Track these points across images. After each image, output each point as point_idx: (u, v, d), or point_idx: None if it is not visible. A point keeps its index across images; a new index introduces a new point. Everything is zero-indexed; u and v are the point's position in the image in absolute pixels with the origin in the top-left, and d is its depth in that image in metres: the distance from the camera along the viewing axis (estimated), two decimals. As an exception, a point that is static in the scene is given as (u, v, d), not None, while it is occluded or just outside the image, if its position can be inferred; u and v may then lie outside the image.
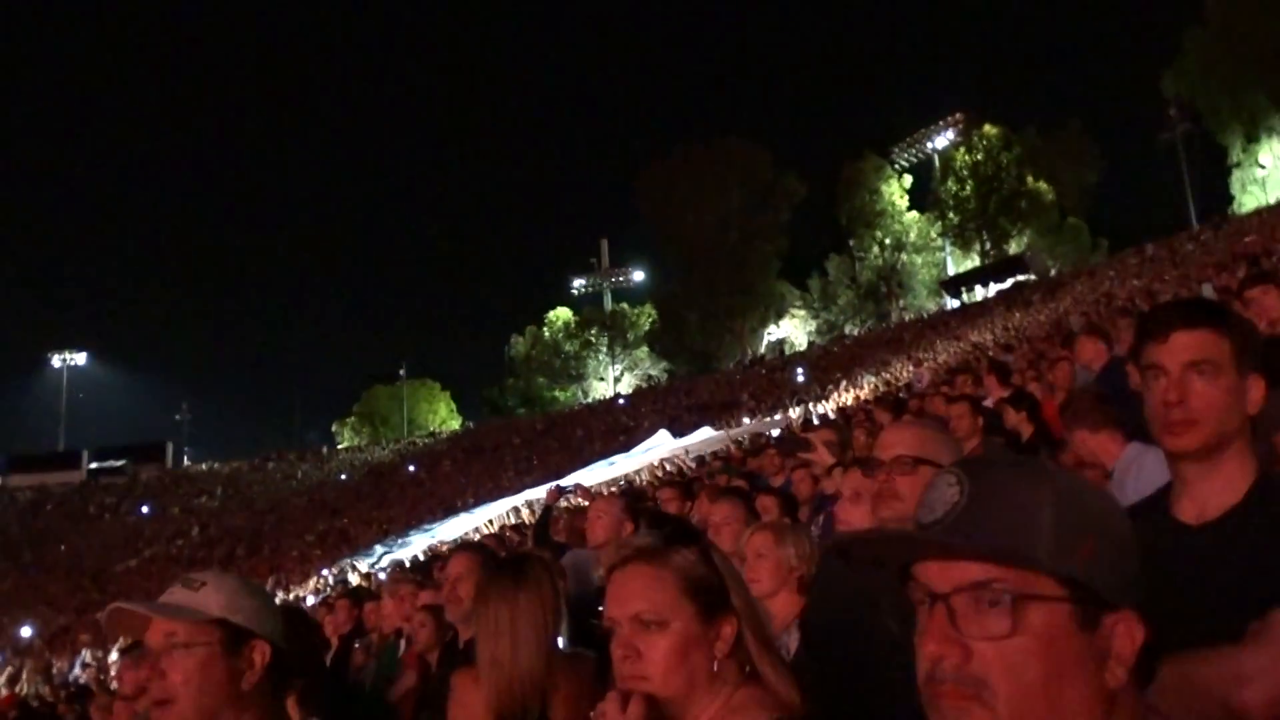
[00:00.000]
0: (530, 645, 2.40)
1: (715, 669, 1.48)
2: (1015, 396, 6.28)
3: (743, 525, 3.68)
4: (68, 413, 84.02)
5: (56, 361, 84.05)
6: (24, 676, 22.17)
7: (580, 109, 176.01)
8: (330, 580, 28.57)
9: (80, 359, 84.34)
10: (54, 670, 23.77)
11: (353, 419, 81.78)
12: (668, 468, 20.83)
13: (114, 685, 12.06)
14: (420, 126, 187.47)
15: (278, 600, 1.80)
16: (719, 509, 3.93)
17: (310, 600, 22.36)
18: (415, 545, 27.67)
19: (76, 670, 22.50)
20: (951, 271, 60.58)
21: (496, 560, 3.01)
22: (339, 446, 75.91)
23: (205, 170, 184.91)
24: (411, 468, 55.90)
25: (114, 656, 23.98)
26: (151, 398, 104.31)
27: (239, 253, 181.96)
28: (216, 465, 73.10)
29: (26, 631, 37.72)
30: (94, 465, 72.43)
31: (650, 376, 70.73)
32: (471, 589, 3.21)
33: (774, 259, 64.93)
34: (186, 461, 77.47)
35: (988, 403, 6.91)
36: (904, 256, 61.94)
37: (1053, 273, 47.67)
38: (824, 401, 29.07)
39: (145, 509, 61.06)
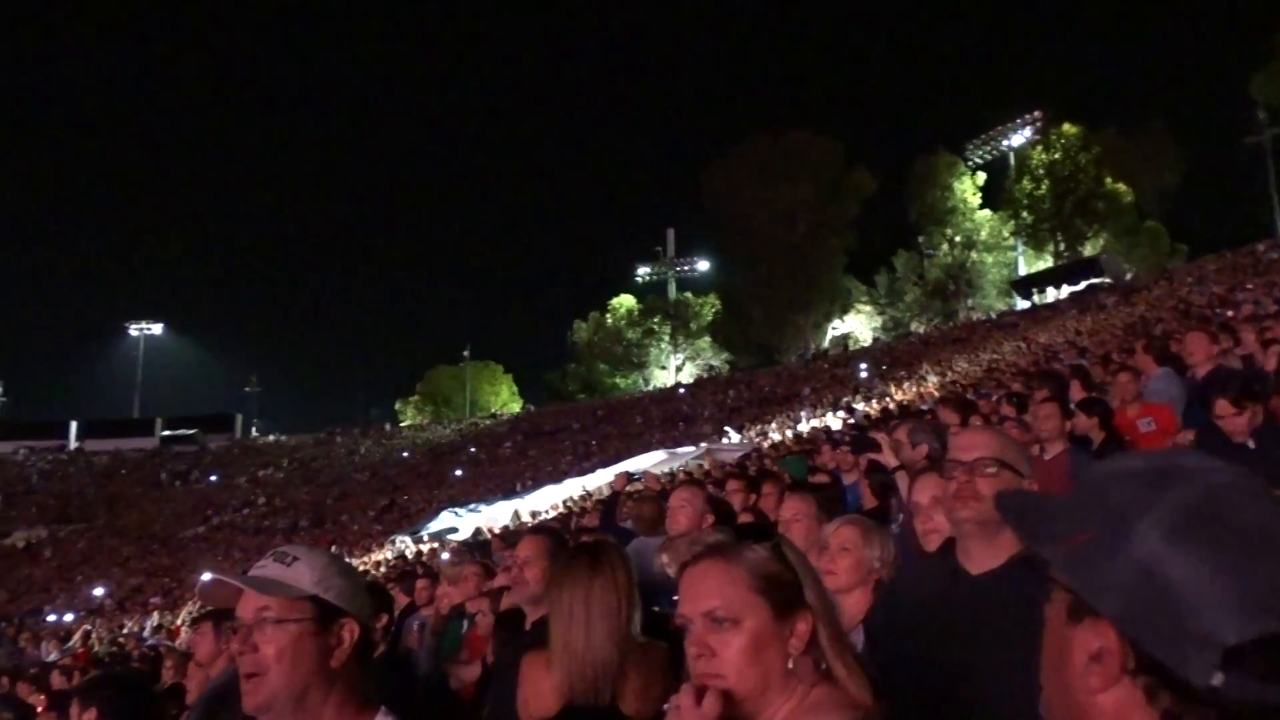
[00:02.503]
0: (603, 632, 2.42)
1: (790, 667, 1.46)
2: (1087, 402, 6.16)
3: (814, 521, 3.66)
4: (143, 381, 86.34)
5: (133, 331, 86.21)
6: (93, 636, 22.83)
7: (652, 99, 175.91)
8: (389, 556, 29.05)
9: (156, 329, 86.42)
10: (125, 630, 24.42)
11: (415, 398, 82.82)
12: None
13: (186, 648, 12.42)
14: (495, 110, 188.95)
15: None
16: (790, 504, 3.91)
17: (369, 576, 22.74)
18: (465, 522, 27.91)
19: (147, 632, 23.10)
20: (1023, 272, 59.48)
21: (570, 545, 3.02)
22: (401, 424, 76.98)
23: (284, 147, 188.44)
24: (473, 449, 56.44)
25: (181, 619, 24.71)
26: (222, 370, 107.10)
27: (312, 230, 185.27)
28: (283, 438, 74.61)
29: (99, 591, 38.80)
30: (166, 433, 74.39)
31: (711, 367, 70.57)
32: (539, 573, 3.24)
33: (841, 253, 64.35)
34: (254, 433, 79.18)
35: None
36: (974, 255, 60.97)
37: (1128, 276, 46.57)
38: (865, 402, 28.79)
39: (214, 478, 62.58)
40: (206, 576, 1.75)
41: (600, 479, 25.71)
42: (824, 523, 3.44)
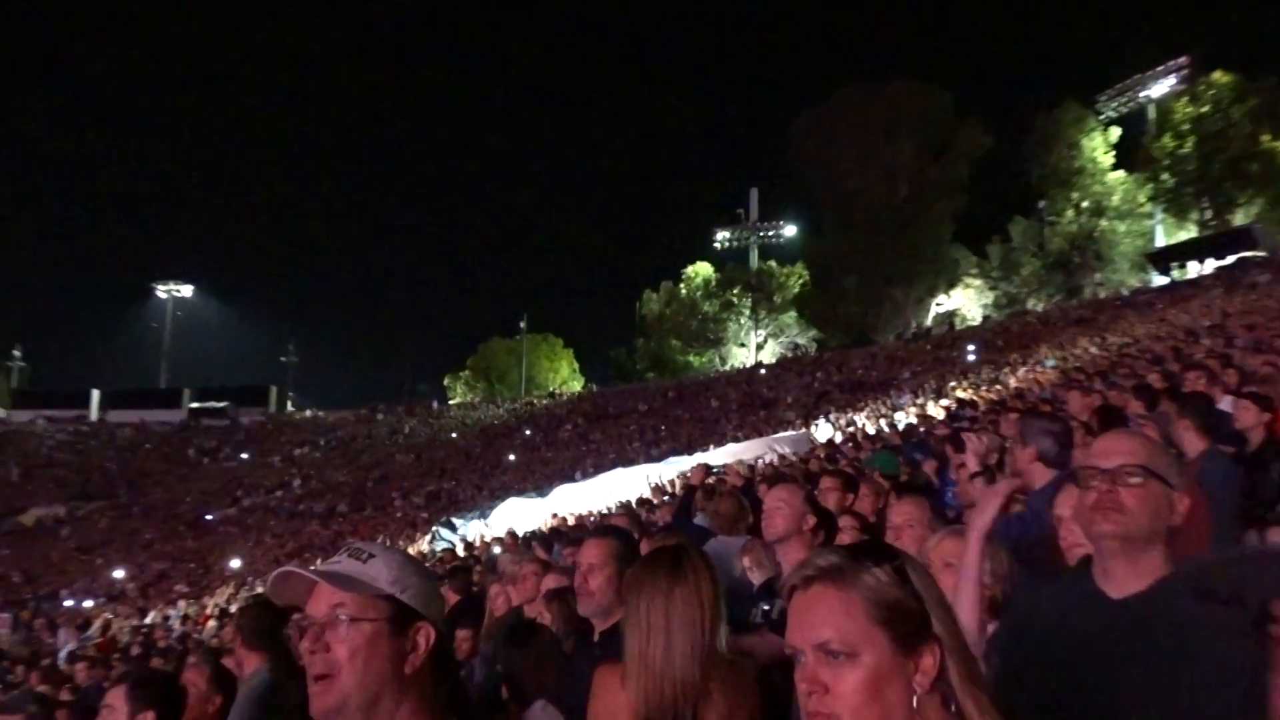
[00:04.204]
0: (684, 646, 2.42)
1: (914, 705, 1.44)
2: (1258, 396, 5.98)
3: (927, 528, 3.62)
4: (170, 348, 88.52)
5: (161, 293, 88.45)
6: (114, 625, 23.51)
7: (736, 42, 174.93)
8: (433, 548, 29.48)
9: (186, 291, 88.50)
10: (149, 619, 25.10)
11: (466, 373, 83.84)
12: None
13: (214, 642, 12.76)
14: (563, 55, 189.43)
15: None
16: (901, 508, 3.87)
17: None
18: (502, 514, 28.15)
19: (174, 621, 23.75)
20: (1161, 242, 58.02)
21: (647, 549, 3.03)
22: (450, 402, 78.09)
23: (330, 90, 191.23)
24: (527, 432, 56.95)
25: (210, 609, 25.37)
26: (257, 337, 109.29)
27: (359, 187, 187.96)
28: (321, 414, 76.19)
29: (119, 575, 40.00)
30: (195, 405, 76.45)
31: (797, 345, 70.29)
32: (604, 581, 3.26)
33: (948, 219, 63.42)
34: (290, 407, 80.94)
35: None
36: (1103, 223, 59.59)
37: (1286, 249, 45.17)
38: (966, 389, 28.32)
39: (245, 455, 64.09)
40: (279, 570, 1.79)
41: (668, 468, 25.72)
42: (935, 531, 3.41)
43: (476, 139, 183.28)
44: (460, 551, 20.87)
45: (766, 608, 3.96)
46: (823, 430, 32.07)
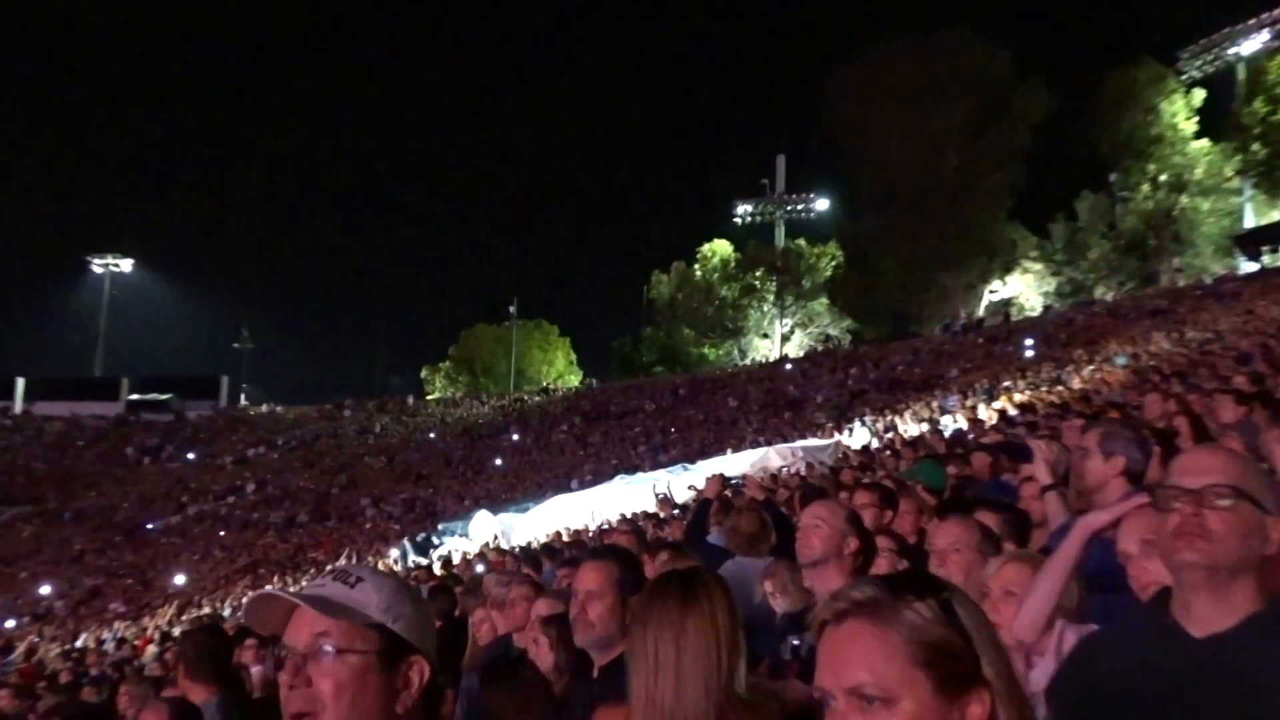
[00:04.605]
0: (697, 685, 2.42)
1: None
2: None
3: (976, 553, 3.63)
4: (108, 332, 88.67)
5: (97, 267, 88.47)
6: (39, 649, 23.55)
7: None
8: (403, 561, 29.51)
9: (125, 266, 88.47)
10: (79, 642, 25.14)
11: (447, 365, 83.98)
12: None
13: (154, 670, 12.77)
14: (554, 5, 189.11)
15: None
16: (947, 530, 3.87)
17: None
18: (482, 529, 28.24)
19: (108, 645, 23.79)
20: (1250, 223, 57.86)
21: (653, 572, 3.03)
22: (428, 398, 78.12)
23: (284, 48, 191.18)
24: (515, 436, 56.98)
25: (150, 631, 25.43)
26: (207, 320, 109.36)
27: (322, 147, 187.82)
28: (279, 409, 76.26)
29: (46, 591, 40.06)
30: (134, 397, 76.57)
31: (828, 337, 70.22)
32: (604, 609, 3.28)
33: (1005, 194, 63.32)
34: (243, 401, 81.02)
35: None
36: (1184, 199, 59.42)
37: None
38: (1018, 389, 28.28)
39: (192, 455, 64.16)
40: (257, 593, 1.78)
41: (678, 478, 25.75)
42: (989, 556, 3.40)
43: (457, 94, 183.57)
44: (438, 569, 20.91)
45: (796, 643, 3.95)
46: (857, 435, 32.12)
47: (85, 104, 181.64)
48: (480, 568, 15.62)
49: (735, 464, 25.31)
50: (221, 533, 47.29)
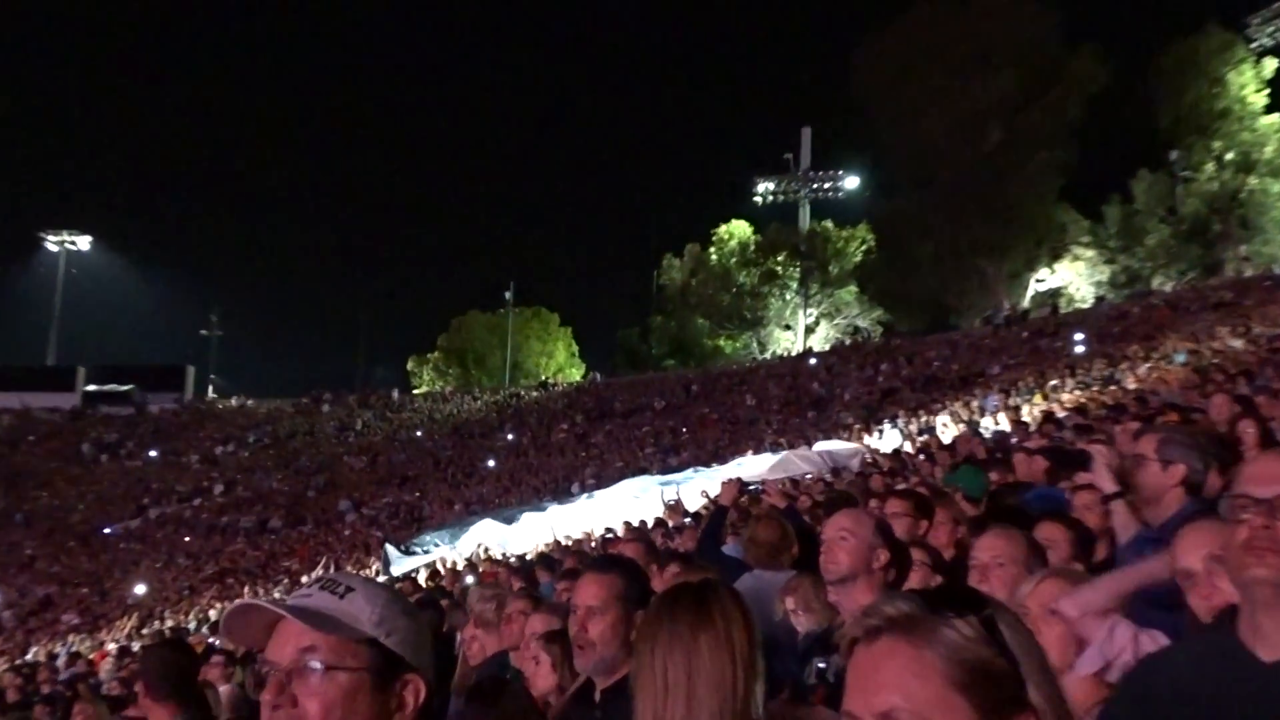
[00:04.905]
0: (711, 711, 2.42)
1: None
2: None
3: (1022, 568, 3.62)
4: (62, 316, 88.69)
5: (51, 244, 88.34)
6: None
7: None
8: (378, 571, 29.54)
9: (83, 244, 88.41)
10: (29, 656, 25.19)
11: (436, 356, 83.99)
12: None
13: (112, 689, 12.80)
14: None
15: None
16: (990, 542, 3.86)
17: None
18: (479, 537, 28.27)
19: (61, 660, 23.84)
20: (1326, 206, 57.76)
21: (662, 585, 3.02)
22: (415, 392, 78.11)
23: (262, 15, 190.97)
24: (510, 435, 57.01)
25: (108, 644, 25.50)
26: (172, 304, 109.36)
27: (302, 118, 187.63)
28: (251, 402, 76.38)
29: (-9, 599, 40.16)
30: (91, 388, 76.60)
31: (857, 329, 70.21)
32: (607, 626, 3.27)
33: (1054, 173, 63.12)
34: (212, 393, 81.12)
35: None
36: (1252, 180, 59.23)
37: None
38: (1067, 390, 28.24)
39: (154, 453, 64.27)
40: (236, 603, 1.77)
41: (691, 483, 25.77)
42: (1034, 571, 3.39)
43: (448, 58, 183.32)
44: (423, 580, 20.94)
45: (822, 665, 3.95)
46: (888, 438, 32.12)
47: (39, 63, 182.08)
48: (470, 579, 15.63)
49: (754, 468, 25.31)
50: (186, 538, 47.36)
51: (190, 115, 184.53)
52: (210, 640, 17.36)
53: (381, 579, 25.82)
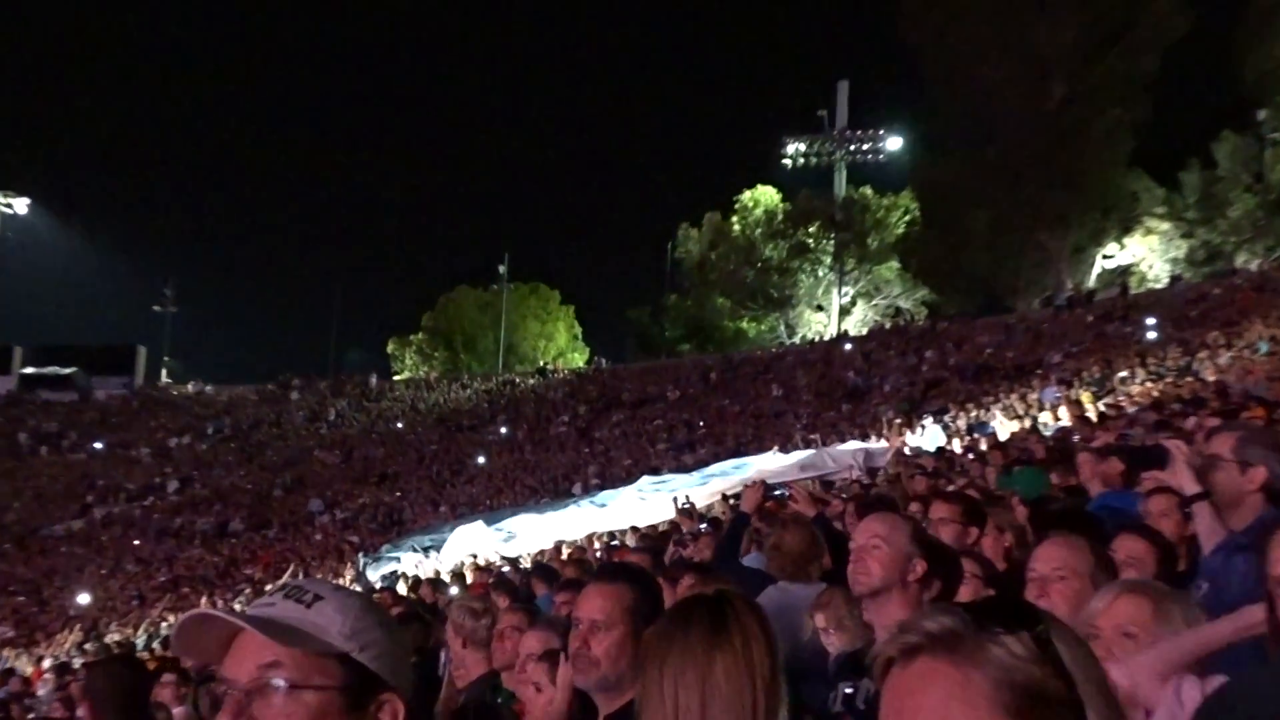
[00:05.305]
0: (730, 741, 2.43)
1: None
2: None
3: (1087, 582, 3.63)
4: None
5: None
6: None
7: None
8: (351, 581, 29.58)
9: (19, 206, 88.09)
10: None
11: (419, 337, 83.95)
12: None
13: (52, 711, 12.85)
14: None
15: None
16: (1050, 552, 3.84)
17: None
18: (467, 542, 28.29)
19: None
20: None
21: (674, 598, 3.03)
22: (396, 378, 78.13)
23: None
24: (504, 428, 57.01)
25: (47, 661, 25.58)
26: (122, 277, 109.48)
27: (269, 71, 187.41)
28: (210, 389, 76.39)
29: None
30: (29, 371, 76.53)
31: (898, 311, 70.06)
32: (612, 643, 3.28)
33: (1126, 134, 62.70)
34: (166, 378, 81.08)
35: None
36: (1351, 143, 59.15)
37: None
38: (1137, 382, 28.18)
39: (99, 445, 64.28)
40: (190, 614, 1.77)
41: (708, 484, 25.77)
42: (1100, 584, 3.39)
43: (435, 5, 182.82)
44: (402, 589, 20.97)
45: (850, 690, 3.95)
46: (930, 434, 32.05)
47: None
48: (456, 590, 15.66)
49: (779, 467, 25.23)
50: (136, 541, 47.45)
51: (144, 61, 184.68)
52: (165, 654, 17.41)
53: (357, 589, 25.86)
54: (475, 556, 26.28)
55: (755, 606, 2.69)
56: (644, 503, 26.49)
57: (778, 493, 14.25)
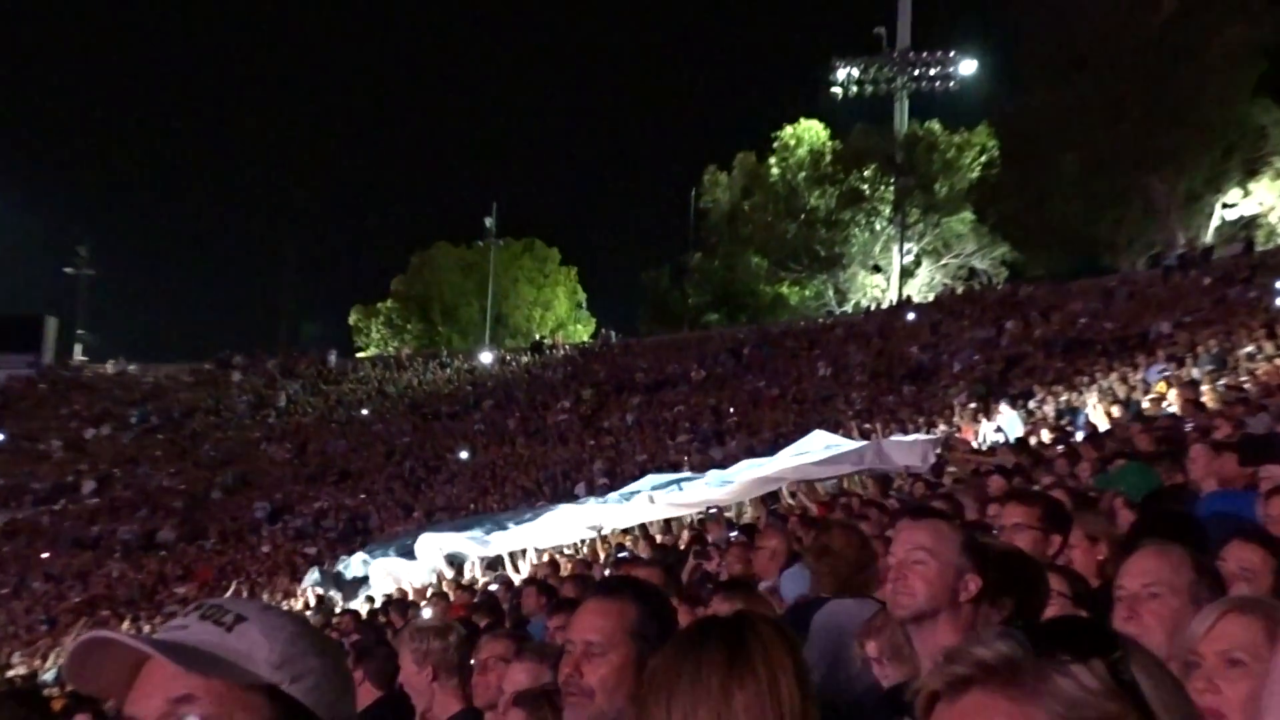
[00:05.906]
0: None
1: None
2: None
3: (1186, 600, 3.62)
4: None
5: None
6: None
7: None
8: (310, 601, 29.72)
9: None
10: None
11: (389, 305, 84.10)
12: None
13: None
14: None
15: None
16: (1142, 564, 3.85)
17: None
18: (445, 553, 28.40)
19: None
20: None
21: (688, 618, 3.03)
22: (360, 355, 78.34)
23: None
24: (490, 417, 57.12)
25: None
26: (27, 232, 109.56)
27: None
28: (134, 368, 76.60)
29: None
30: (-83, 347, 76.83)
31: (973, 271, 70.08)
32: (610, 671, 3.29)
33: (1246, 60, 62.59)
34: (81, 355, 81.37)
35: None
36: None
37: None
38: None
39: (1, 436, 64.56)
40: (85, 637, 1.75)
41: (736, 484, 25.79)
42: (1203, 602, 3.38)
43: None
44: (362, 609, 21.11)
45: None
46: (1007, 420, 31.97)
47: None
48: (429, 613, 15.75)
49: (822, 459, 25.19)
50: (44, 554, 47.65)
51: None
52: (74, 692, 17.53)
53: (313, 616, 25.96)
54: (457, 570, 26.39)
55: (782, 629, 2.68)
56: (652, 506, 26.44)
57: (830, 489, 14.22)
